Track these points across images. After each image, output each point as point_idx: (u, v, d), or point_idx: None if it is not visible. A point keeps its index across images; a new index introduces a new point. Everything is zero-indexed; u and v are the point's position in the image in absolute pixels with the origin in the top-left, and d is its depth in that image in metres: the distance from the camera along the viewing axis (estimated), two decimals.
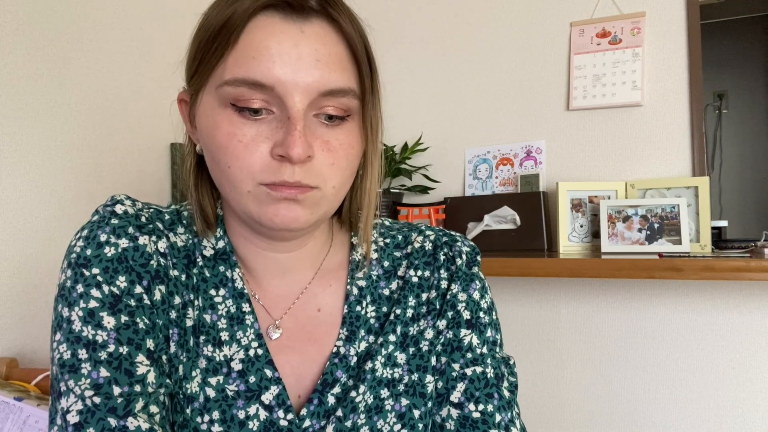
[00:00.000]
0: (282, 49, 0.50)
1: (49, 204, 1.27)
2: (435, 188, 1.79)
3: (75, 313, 0.52)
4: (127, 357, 0.51)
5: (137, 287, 0.54)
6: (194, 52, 0.54)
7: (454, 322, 0.62)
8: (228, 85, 0.50)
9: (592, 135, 1.63)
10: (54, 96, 1.29)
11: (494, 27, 1.76)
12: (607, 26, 1.62)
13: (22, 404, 1.03)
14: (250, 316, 0.58)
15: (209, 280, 0.59)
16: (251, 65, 0.50)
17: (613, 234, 1.45)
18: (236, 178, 0.52)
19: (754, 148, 1.60)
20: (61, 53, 1.31)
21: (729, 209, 1.58)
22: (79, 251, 0.54)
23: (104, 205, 0.57)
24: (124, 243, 0.54)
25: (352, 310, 0.62)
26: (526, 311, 1.68)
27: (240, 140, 0.51)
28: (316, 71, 0.50)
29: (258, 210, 0.53)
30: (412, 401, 0.60)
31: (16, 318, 1.21)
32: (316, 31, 0.51)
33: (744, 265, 1.11)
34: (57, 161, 1.29)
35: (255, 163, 0.51)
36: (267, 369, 0.57)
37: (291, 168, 0.51)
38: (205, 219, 0.59)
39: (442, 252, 0.64)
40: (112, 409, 0.49)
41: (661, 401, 1.51)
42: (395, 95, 1.88)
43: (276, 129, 0.51)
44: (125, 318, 0.52)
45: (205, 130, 0.54)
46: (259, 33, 0.50)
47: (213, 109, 0.53)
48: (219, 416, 0.55)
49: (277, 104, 0.51)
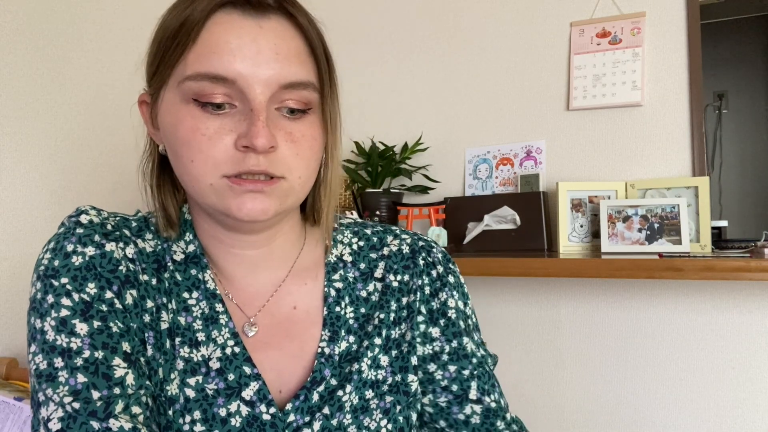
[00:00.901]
0: (242, 44, 0.51)
1: (49, 204, 1.27)
2: (435, 188, 1.79)
3: (47, 323, 0.52)
4: (103, 361, 0.52)
5: (107, 292, 0.54)
6: (154, 52, 0.56)
7: (451, 331, 0.67)
8: (190, 80, 0.52)
9: (592, 135, 1.63)
10: (54, 96, 1.29)
11: (494, 27, 1.76)
12: (607, 26, 1.62)
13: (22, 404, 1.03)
14: (224, 315, 0.59)
15: (181, 284, 0.60)
16: (212, 60, 0.51)
17: (613, 234, 1.45)
18: (199, 172, 0.53)
19: (754, 148, 1.60)
20: (61, 53, 1.31)
21: (729, 209, 1.57)
22: (47, 263, 0.54)
23: (69, 216, 0.58)
24: (90, 251, 0.55)
25: (332, 311, 0.63)
26: (526, 311, 1.68)
27: (203, 134, 0.52)
28: (276, 64, 0.52)
29: (223, 203, 0.53)
30: (396, 398, 0.63)
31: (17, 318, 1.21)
32: (274, 27, 0.53)
33: (744, 265, 1.11)
34: (57, 161, 1.29)
35: (218, 155, 0.52)
36: (245, 366, 0.58)
37: (256, 158, 0.52)
38: (167, 219, 0.60)
39: (420, 257, 0.67)
40: (92, 413, 0.50)
41: (661, 401, 1.51)
42: (395, 95, 1.88)
43: (239, 122, 0.52)
44: (98, 323, 0.53)
45: (168, 127, 0.55)
46: (219, 29, 0.52)
47: (175, 105, 0.54)
48: (200, 416, 0.55)
49: (239, 98, 0.52)
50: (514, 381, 1.68)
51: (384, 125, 1.84)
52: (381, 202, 1.71)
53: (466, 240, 1.61)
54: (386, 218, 1.71)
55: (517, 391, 1.66)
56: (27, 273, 1.22)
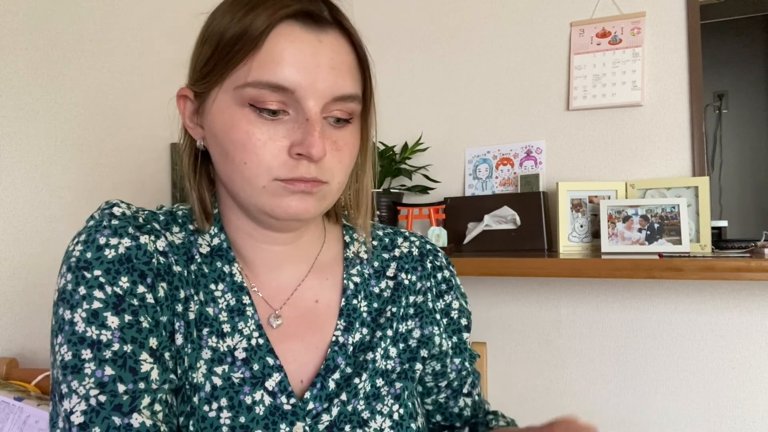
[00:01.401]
0: (303, 57, 0.54)
1: (49, 204, 1.27)
2: (435, 188, 1.79)
3: (78, 314, 0.52)
4: (132, 355, 0.53)
5: (140, 287, 0.55)
6: (209, 53, 0.57)
7: (451, 328, 0.73)
8: (250, 86, 0.54)
9: (592, 135, 1.63)
10: (54, 96, 1.29)
11: (494, 27, 1.76)
12: (607, 26, 1.62)
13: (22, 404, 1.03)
14: (250, 307, 0.61)
15: (208, 275, 0.62)
16: (275, 70, 0.54)
17: (613, 234, 1.45)
18: (252, 174, 0.55)
19: (754, 148, 1.60)
20: (61, 53, 1.31)
21: (729, 209, 1.57)
22: (79, 255, 0.55)
23: (101, 209, 0.59)
24: (126, 242, 0.56)
25: (349, 303, 0.66)
26: (526, 311, 1.68)
27: (258, 138, 0.55)
28: (330, 78, 0.55)
29: (272, 203, 0.57)
30: (405, 384, 0.66)
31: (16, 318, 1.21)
32: (331, 41, 0.56)
33: (744, 265, 1.11)
34: (57, 161, 1.29)
35: (273, 159, 0.55)
36: (269, 357, 0.60)
37: (307, 165, 0.55)
38: (204, 211, 0.63)
39: (428, 260, 0.73)
40: (117, 406, 0.50)
41: (661, 401, 1.51)
42: (395, 95, 1.88)
43: (292, 129, 0.55)
44: (129, 317, 0.54)
45: (220, 128, 0.57)
46: (282, 40, 0.54)
47: (230, 107, 0.56)
48: (227, 403, 0.57)
49: (294, 106, 0.55)
50: (513, 381, 1.68)
51: (384, 125, 1.84)
52: (381, 202, 1.71)
53: (466, 240, 1.61)
54: (386, 218, 1.71)
55: (516, 391, 1.66)
56: (27, 273, 1.22)
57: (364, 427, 0.62)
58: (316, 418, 0.60)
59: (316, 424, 0.59)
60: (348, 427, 0.61)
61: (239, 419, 0.57)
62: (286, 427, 0.58)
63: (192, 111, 0.61)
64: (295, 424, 0.58)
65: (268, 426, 0.58)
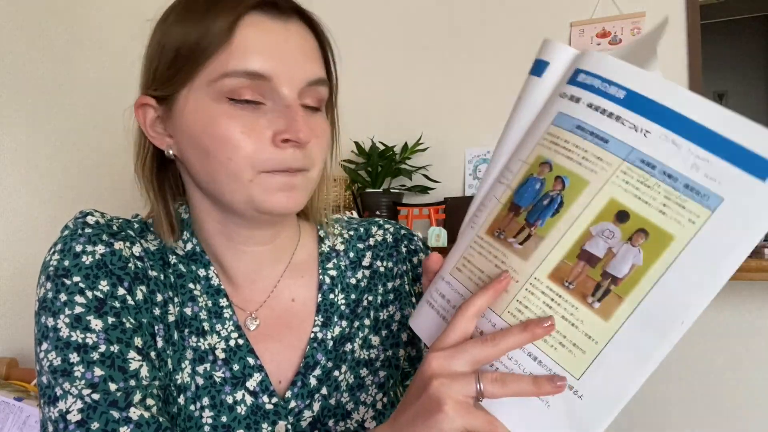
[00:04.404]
0: (275, 45, 0.54)
1: (49, 204, 1.27)
2: (435, 188, 1.79)
3: (61, 320, 0.53)
4: (119, 355, 0.53)
5: (119, 289, 0.55)
6: (172, 56, 0.56)
7: None
8: (228, 77, 0.53)
9: None
10: (54, 96, 1.29)
11: (494, 27, 1.76)
12: (607, 26, 1.62)
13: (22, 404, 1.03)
14: (227, 309, 0.61)
15: (186, 275, 0.61)
16: (251, 58, 0.53)
17: None
18: (238, 168, 0.54)
19: None
20: (61, 53, 1.31)
21: None
22: (57, 263, 0.55)
23: (74, 219, 0.59)
24: (100, 249, 0.56)
25: (325, 298, 0.66)
26: None
27: (240, 131, 0.53)
28: (302, 63, 0.56)
29: (261, 197, 0.55)
30: (389, 372, 0.66)
31: (17, 318, 1.21)
32: (297, 29, 0.57)
33: (744, 265, 1.11)
34: (57, 161, 1.29)
35: (257, 151, 0.54)
36: (249, 357, 0.60)
37: (293, 153, 0.54)
38: (170, 226, 0.62)
39: (402, 245, 0.71)
40: (113, 402, 0.51)
41: (660, 401, 1.51)
42: (396, 95, 1.88)
43: (273, 119, 0.54)
44: (112, 319, 0.54)
45: (198, 127, 0.55)
46: (252, 30, 0.54)
47: (206, 105, 0.55)
48: (209, 402, 0.58)
49: (271, 96, 0.54)
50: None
51: (384, 125, 1.84)
52: (381, 202, 1.71)
53: None
54: (386, 218, 1.71)
55: None
56: (27, 273, 1.22)
57: (347, 419, 0.62)
58: (299, 415, 0.60)
59: (299, 421, 0.60)
60: (331, 421, 0.61)
61: (221, 418, 0.57)
62: (268, 426, 0.58)
63: (154, 119, 0.59)
64: (277, 423, 0.59)
65: (250, 425, 0.58)
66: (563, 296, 0.43)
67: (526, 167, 0.46)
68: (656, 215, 0.41)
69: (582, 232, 0.42)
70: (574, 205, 0.43)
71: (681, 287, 0.43)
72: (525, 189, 0.45)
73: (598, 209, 0.42)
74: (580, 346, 0.42)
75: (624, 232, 0.41)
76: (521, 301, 0.43)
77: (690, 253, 0.41)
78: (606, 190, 0.42)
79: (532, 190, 0.45)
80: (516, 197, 0.46)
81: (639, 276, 0.42)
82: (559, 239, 0.43)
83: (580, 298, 0.42)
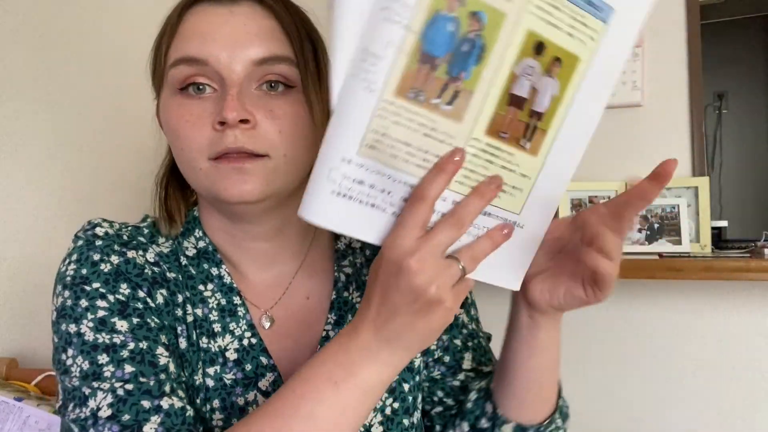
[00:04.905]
0: (213, 28, 0.54)
1: (49, 204, 1.27)
2: None
3: (84, 325, 0.52)
4: (148, 351, 0.52)
5: (140, 292, 0.55)
6: (152, 56, 0.59)
7: None
8: (171, 68, 0.55)
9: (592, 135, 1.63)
10: (54, 96, 1.29)
11: None
12: None
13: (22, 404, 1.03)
14: (241, 308, 0.60)
15: (195, 277, 0.61)
16: (186, 45, 0.54)
17: None
18: (190, 158, 0.54)
19: (754, 148, 1.60)
20: (61, 53, 1.31)
21: (729, 209, 1.57)
22: (74, 273, 0.54)
23: (83, 230, 0.58)
24: (115, 259, 0.56)
25: (340, 295, 0.65)
26: None
27: (187, 120, 0.54)
28: (246, 42, 0.54)
29: (212, 186, 0.54)
30: (402, 376, 0.64)
31: (16, 318, 1.21)
32: (244, 11, 0.56)
33: (744, 265, 1.11)
34: (57, 161, 1.29)
35: (201, 137, 0.53)
36: (262, 357, 0.59)
37: (232, 134, 0.52)
38: (168, 215, 0.62)
39: None
40: (146, 391, 0.50)
41: (660, 401, 1.51)
42: None
43: (217, 105, 0.53)
44: (136, 320, 0.53)
45: (164, 123, 0.58)
46: (193, 19, 0.56)
47: (166, 100, 0.57)
48: (219, 404, 0.57)
49: (217, 80, 0.54)
50: None
51: None
52: None
53: None
54: None
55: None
56: (27, 273, 1.22)
57: None
58: None
59: None
60: None
61: (231, 421, 0.56)
62: None
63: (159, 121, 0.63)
64: None
65: None
66: (501, 148, 0.42)
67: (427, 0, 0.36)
68: (566, 39, 0.40)
69: (508, 75, 0.39)
70: (496, 45, 0.38)
71: (587, 105, 0.46)
72: (435, 32, 0.37)
73: (518, 45, 0.39)
74: (518, 187, 0.44)
75: (542, 65, 0.40)
76: (466, 166, 0.41)
77: (593, 71, 0.43)
78: (523, 22, 0.38)
79: (445, 32, 0.37)
80: (425, 44, 0.37)
81: (556, 105, 0.43)
82: (488, 90, 0.39)
83: (515, 144, 0.42)
